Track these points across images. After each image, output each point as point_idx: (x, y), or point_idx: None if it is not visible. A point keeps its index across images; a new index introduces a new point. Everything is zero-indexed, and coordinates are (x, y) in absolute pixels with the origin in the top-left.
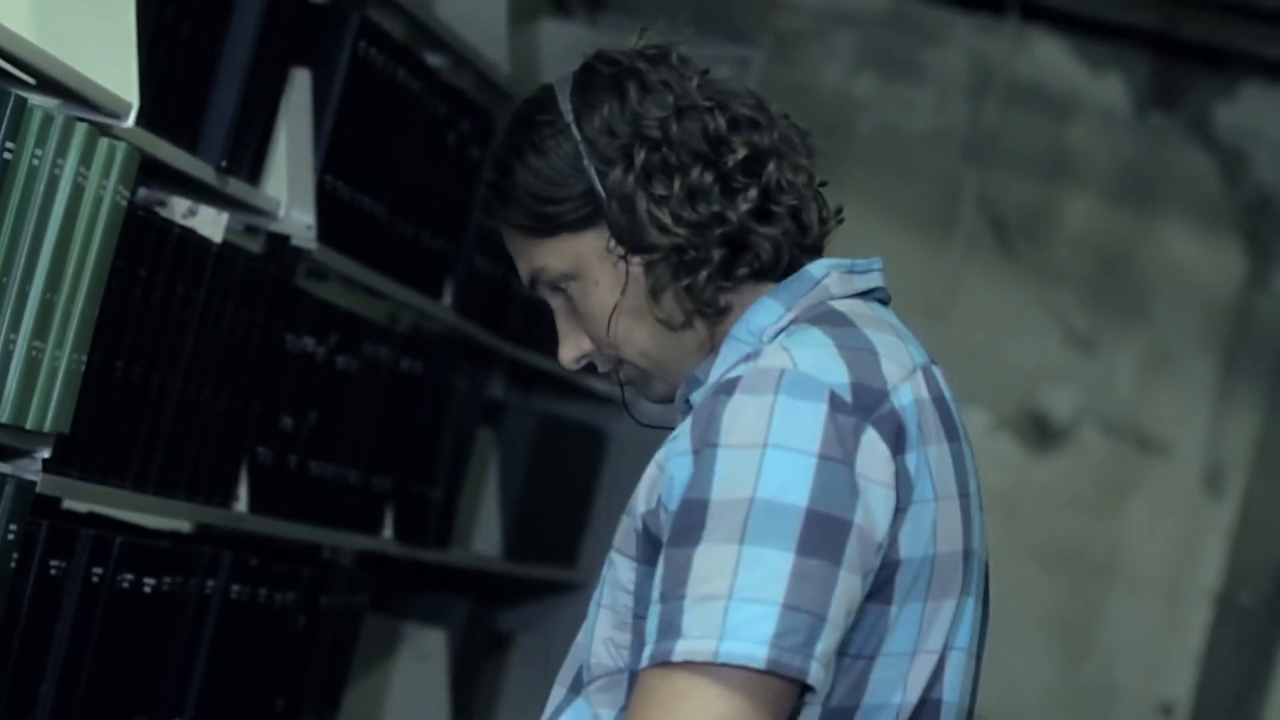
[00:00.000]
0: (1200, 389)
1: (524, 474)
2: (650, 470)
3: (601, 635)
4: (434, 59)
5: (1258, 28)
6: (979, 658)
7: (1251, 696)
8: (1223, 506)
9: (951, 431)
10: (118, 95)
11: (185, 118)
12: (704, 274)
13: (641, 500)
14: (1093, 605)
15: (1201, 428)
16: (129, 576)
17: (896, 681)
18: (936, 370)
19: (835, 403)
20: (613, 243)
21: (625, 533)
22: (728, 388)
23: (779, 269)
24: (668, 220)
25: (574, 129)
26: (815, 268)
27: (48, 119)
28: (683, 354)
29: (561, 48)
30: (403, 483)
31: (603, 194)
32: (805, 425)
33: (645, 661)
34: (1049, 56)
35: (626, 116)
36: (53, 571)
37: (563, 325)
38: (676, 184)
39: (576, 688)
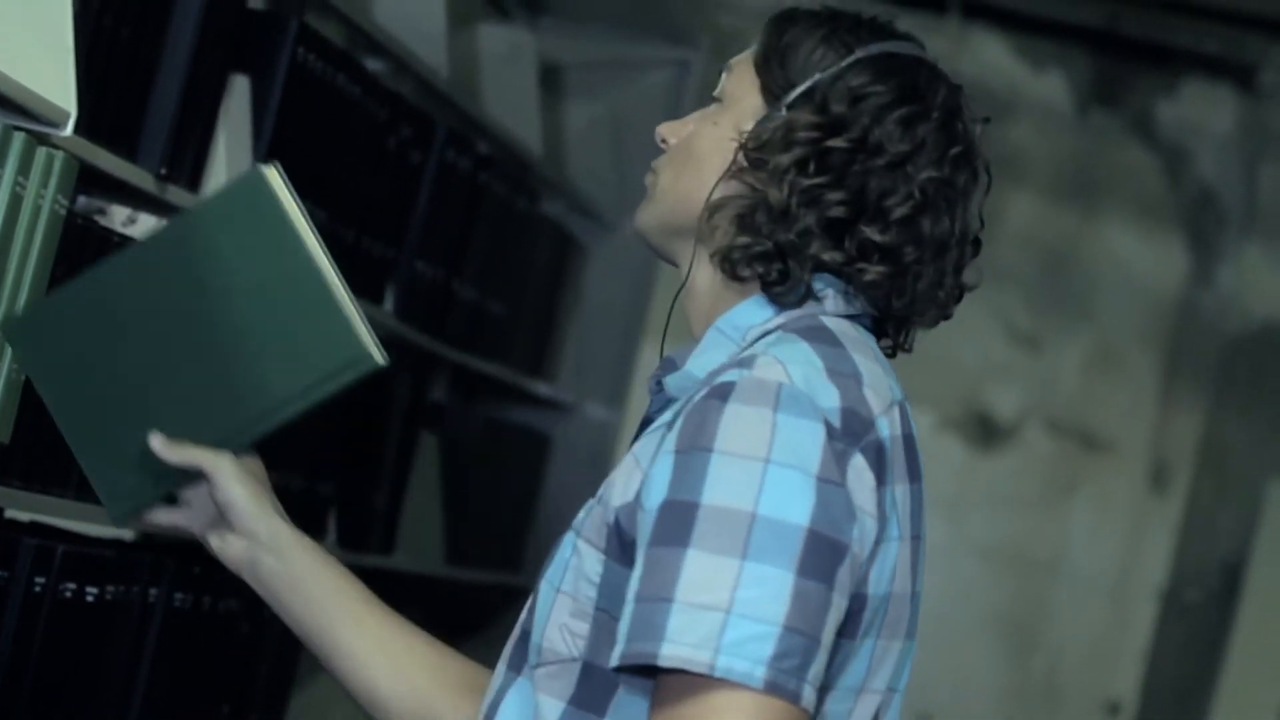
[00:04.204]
0: (1144, 386)
1: (467, 479)
2: (627, 461)
3: (557, 620)
4: (373, 64)
5: (1198, 24)
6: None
7: (1198, 693)
8: (1168, 503)
9: (914, 472)
10: (55, 104)
11: (124, 126)
12: (744, 239)
13: (617, 492)
14: (1039, 603)
15: (1146, 425)
16: (71, 585)
17: (842, 718)
18: (908, 407)
19: (828, 427)
20: (747, 129)
21: (596, 523)
22: (721, 392)
23: (772, 292)
24: (778, 181)
25: (845, 59)
26: (815, 280)
27: None
28: (685, 245)
29: (500, 51)
30: (346, 489)
31: (781, 111)
32: (806, 445)
33: (616, 660)
34: (990, 55)
35: (869, 105)
36: None
37: (692, 115)
38: (812, 167)
39: (518, 666)
